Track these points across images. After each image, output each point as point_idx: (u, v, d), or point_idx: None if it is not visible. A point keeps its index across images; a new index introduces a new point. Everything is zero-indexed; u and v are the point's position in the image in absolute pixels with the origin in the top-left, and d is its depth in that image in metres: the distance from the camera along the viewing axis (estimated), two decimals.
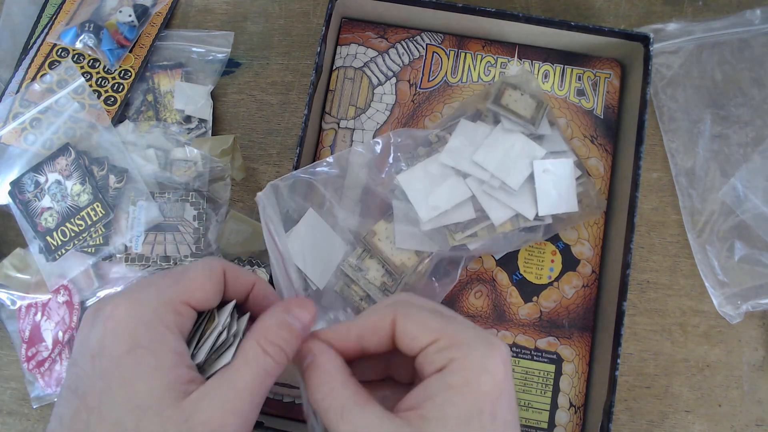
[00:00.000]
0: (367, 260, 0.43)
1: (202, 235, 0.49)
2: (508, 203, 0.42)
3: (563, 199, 0.43)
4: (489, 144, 0.43)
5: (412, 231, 0.43)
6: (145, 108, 0.53)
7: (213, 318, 0.31)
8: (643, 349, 0.48)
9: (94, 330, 0.29)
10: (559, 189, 0.43)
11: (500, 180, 0.42)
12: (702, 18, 0.53)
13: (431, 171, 0.43)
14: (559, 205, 0.43)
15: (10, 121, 0.51)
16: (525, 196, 0.43)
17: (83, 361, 0.29)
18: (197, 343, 0.31)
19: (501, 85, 0.44)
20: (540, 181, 0.42)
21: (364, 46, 0.50)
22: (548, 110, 0.44)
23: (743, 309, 0.48)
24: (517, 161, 0.42)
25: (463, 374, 0.28)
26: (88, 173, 0.49)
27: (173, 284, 0.30)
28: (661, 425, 0.47)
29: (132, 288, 0.31)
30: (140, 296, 0.30)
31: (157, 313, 0.29)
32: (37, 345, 0.49)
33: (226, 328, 0.31)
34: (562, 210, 0.43)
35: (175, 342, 0.29)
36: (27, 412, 0.49)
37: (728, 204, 0.49)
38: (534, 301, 0.46)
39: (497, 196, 0.42)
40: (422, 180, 0.43)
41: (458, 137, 0.44)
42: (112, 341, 0.28)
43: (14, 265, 0.50)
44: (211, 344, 0.30)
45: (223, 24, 0.55)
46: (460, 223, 0.42)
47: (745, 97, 0.51)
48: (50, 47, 0.53)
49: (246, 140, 0.53)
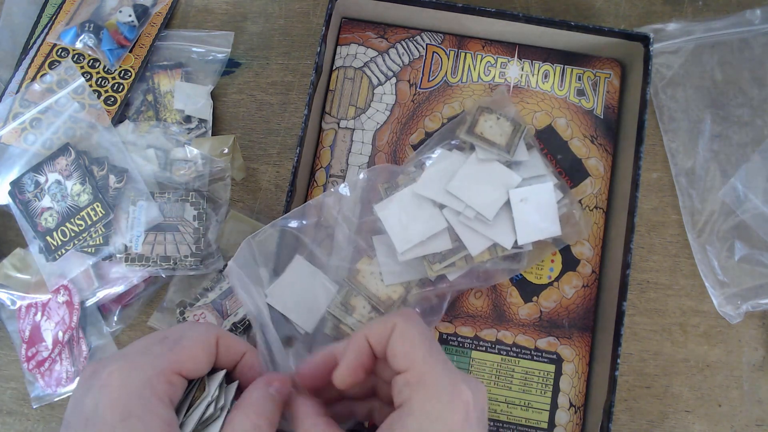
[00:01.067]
0: (353, 299, 0.43)
1: (202, 235, 0.49)
2: (484, 233, 0.42)
3: (545, 225, 0.43)
4: (463, 174, 0.43)
5: (395, 263, 0.43)
6: (145, 108, 0.53)
7: (203, 386, 0.33)
8: (643, 349, 0.48)
9: (89, 395, 0.30)
10: (540, 214, 0.43)
11: (475, 210, 0.42)
12: (702, 18, 0.53)
13: (407, 201, 0.43)
14: (541, 231, 0.43)
15: (10, 121, 0.51)
16: (502, 225, 0.43)
17: (76, 423, 0.30)
18: (186, 411, 0.32)
19: (477, 111, 0.44)
20: (517, 211, 0.42)
21: (364, 46, 0.50)
22: (526, 133, 0.44)
23: (743, 309, 0.48)
24: (492, 190, 0.42)
25: (416, 419, 0.29)
26: (88, 173, 0.49)
27: (168, 353, 0.32)
28: (661, 425, 0.47)
29: (128, 353, 0.32)
30: (135, 364, 0.31)
31: (150, 384, 0.30)
32: (37, 345, 0.49)
33: (215, 400, 0.33)
34: (546, 235, 0.43)
35: (166, 412, 0.30)
36: (27, 412, 0.49)
37: (728, 204, 0.49)
38: (534, 301, 0.46)
39: (473, 226, 0.42)
40: (398, 211, 0.43)
41: (434, 166, 0.44)
42: (105, 409, 0.29)
43: (14, 265, 0.50)
44: (199, 415, 0.32)
45: (223, 24, 0.55)
46: (438, 254, 0.42)
47: (745, 97, 0.51)
48: (50, 47, 0.53)
49: (246, 140, 0.53)
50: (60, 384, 0.49)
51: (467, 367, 0.46)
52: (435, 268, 0.42)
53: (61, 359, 0.49)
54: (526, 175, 0.43)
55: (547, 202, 0.43)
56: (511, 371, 0.45)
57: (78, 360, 0.49)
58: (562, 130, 0.48)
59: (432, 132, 0.49)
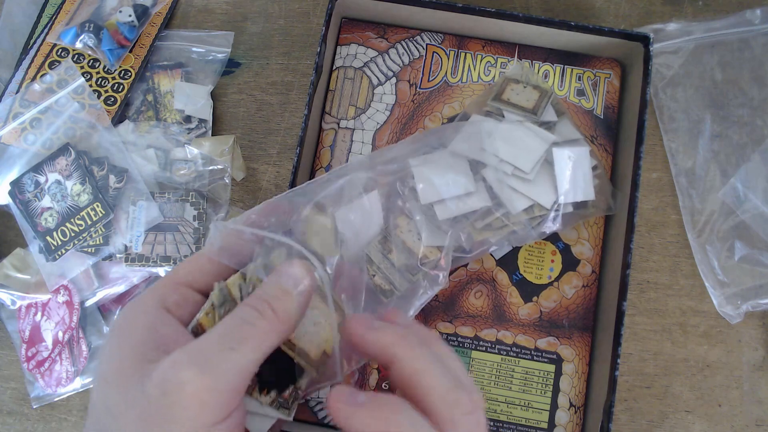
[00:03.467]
0: (390, 245, 0.42)
1: (202, 235, 0.49)
2: (523, 191, 0.42)
3: (580, 188, 0.42)
4: (498, 133, 0.42)
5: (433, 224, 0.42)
6: (145, 108, 0.53)
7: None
8: (643, 349, 0.48)
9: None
10: (576, 177, 0.42)
11: (512, 165, 0.41)
12: (702, 18, 0.53)
13: (443, 160, 0.42)
14: (576, 194, 0.42)
15: (10, 121, 0.51)
16: (541, 183, 0.42)
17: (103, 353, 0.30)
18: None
19: (503, 81, 0.44)
20: (560, 168, 0.42)
21: (364, 46, 0.50)
22: (553, 98, 0.44)
23: (743, 309, 0.48)
24: (528, 147, 0.42)
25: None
26: (88, 173, 0.49)
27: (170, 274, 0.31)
28: (661, 425, 0.47)
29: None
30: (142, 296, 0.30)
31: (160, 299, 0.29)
32: (37, 345, 0.49)
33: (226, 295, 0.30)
34: (580, 198, 0.42)
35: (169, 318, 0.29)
36: (27, 412, 0.49)
37: (728, 204, 0.49)
38: (534, 301, 0.46)
39: (512, 184, 0.42)
40: (434, 168, 0.42)
41: (469, 127, 0.43)
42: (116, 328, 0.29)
43: (14, 265, 0.50)
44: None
45: (223, 24, 0.55)
46: (477, 212, 0.41)
47: (745, 97, 0.51)
48: (50, 47, 0.53)
49: (246, 140, 0.53)
50: (60, 384, 0.49)
51: (467, 368, 0.46)
52: (477, 225, 0.42)
53: (61, 359, 0.49)
54: (560, 139, 0.43)
55: (584, 166, 0.42)
56: (511, 371, 0.45)
57: (78, 360, 0.49)
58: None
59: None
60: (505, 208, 0.42)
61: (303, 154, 0.45)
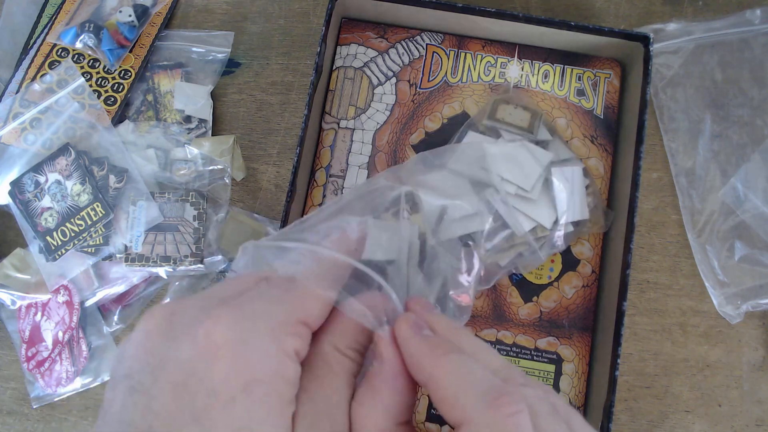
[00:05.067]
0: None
1: (202, 235, 0.49)
2: (525, 211, 0.42)
3: (577, 207, 0.43)
4: (497, 152, 0.42)
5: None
6: (145, 108, 0.53)
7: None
8: (643, 349, 0.48)
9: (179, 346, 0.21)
10: (571, 196, 0.43)
11: (515, 185, 0.42)
12: (702, 18, 0.53)
13: (443, 180, 0.40)
14: (574, 213, 0.43)
15: (10, 121, 0.51)
16: (541, 203, 0.43)
17: (158, 389, 0.21)
18: None
19: (494, 102, 0.44)
20: (558, 187, 0.42)
21: (364, 46, 0.50)
22: (544, 119, 0.44)
23: (743, 309, 0.48)
24: (528, 167, 0.42)
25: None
26: (88, 173, 0.49)
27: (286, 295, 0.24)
28: (661, 425, 0.47)
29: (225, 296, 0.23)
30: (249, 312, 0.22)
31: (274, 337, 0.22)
32: (37, 345, 0.49)
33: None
34: (577, 217, 0.43)
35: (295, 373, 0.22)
36: (27, 412, 0.49)
37: (728, 204, 0.49)
38: (534, 301, 0.46)
39: (515, 204, 0.42)
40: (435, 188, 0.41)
41: (467, 147, 0.43)
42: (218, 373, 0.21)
43: (14, 265, 0.50)
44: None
45: (223, 24, 0.55)
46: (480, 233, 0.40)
47: (745, 97, 0.51)
48: (50, 47, 0.53)
49: (246, 140, 0.53)
50: (60, 384, 0.49)
51: None
52: (485, 247, 0.42)
53: (61, 359, 0.49)
54: (556, 158, 0.43)
55: (578, 185, 0.43)
56: None
57: (78, 360, 0.49)
58: (562, 130, 0.48)
59: (432, 132, 0.49)
60: (509, 229, 0.42)
61: (303, 154, 0.45)
